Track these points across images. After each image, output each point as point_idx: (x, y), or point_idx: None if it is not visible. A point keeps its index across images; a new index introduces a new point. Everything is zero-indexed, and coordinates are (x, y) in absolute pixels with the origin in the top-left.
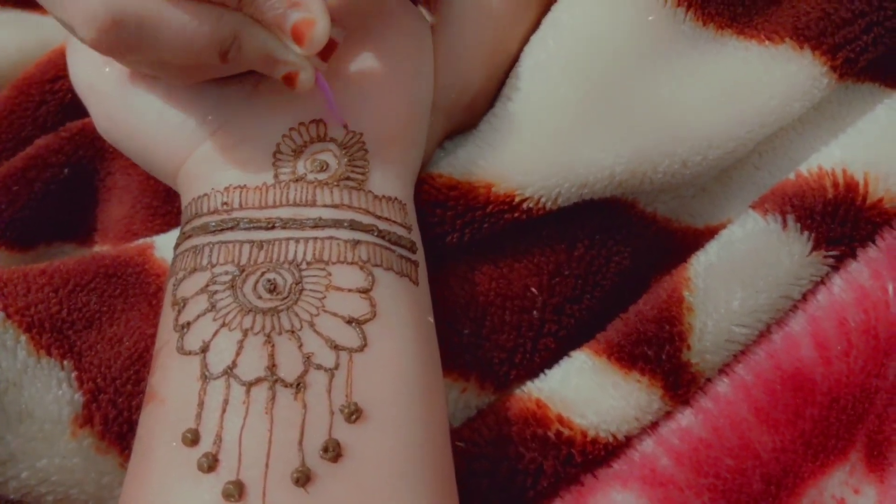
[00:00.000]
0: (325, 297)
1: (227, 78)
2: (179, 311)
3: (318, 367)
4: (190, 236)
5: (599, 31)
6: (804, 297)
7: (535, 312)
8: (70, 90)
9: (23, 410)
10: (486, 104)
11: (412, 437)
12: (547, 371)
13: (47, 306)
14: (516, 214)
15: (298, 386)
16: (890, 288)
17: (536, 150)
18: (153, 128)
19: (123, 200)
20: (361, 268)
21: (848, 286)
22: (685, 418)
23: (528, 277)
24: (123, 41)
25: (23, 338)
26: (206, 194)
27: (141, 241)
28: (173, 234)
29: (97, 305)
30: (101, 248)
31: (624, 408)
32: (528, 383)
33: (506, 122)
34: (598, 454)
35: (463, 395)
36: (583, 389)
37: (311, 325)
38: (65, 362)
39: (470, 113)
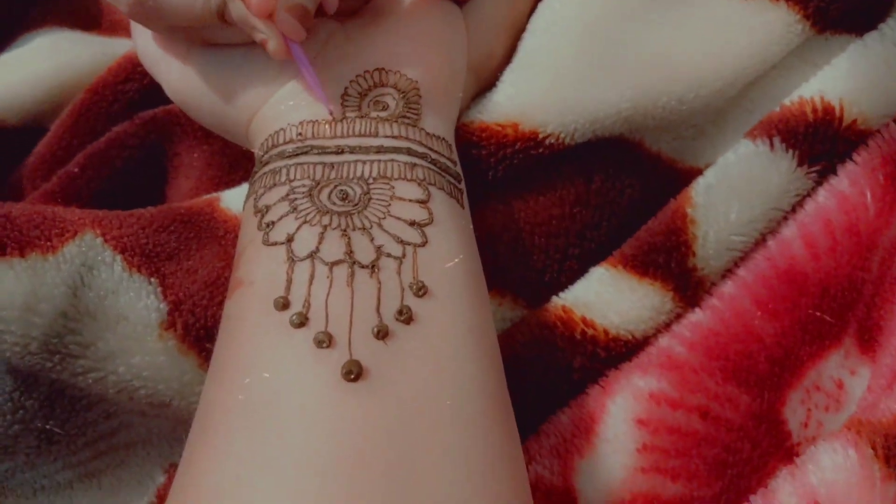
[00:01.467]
0: (389, 205)
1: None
2: (263, 215)
3: (388, 255)
4: (267, 163)
5: None
6: (793, 209)
7: (560, 237)
8: (137, 90)
9: (119, 314)
10: (506, 65)
11: (469, 314)
12: (570, 287)
13: (137, 238)
14: (541, 150)
15: (373, 267)
16: (868, 194)
17: (551, 93)
18: (229, 80)
19: (190, 175)
20: (419, 184)
21: (831, 194)
22: (695, 315)
23: (552, 208)
24: (146, 13)
25: (118, 257)
26: (281, 129)
27: (208, 196)
28: (237, 190)
29: (176, 244)
30: None
31: (640, 308)
32: (554, 297)
33: (523, 72)
34: (620, 350)
35: (499, 308)
36: (603, 294)
37: (380, 225)
38: (152, 279)
39: (494, 73)
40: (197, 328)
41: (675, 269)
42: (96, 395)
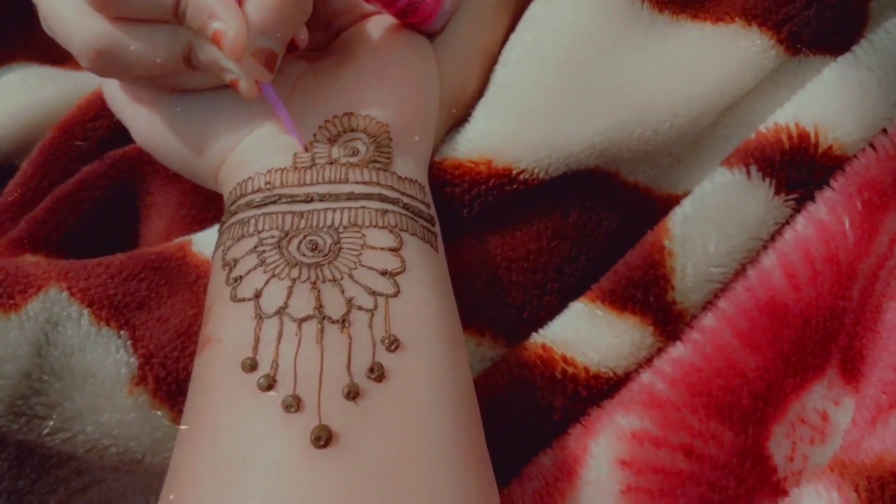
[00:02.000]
0: (360, 254)
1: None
2: (230, 269)
3: (360, 307)
4: (235, 213)
5: (568, 24)
6: (772, 238)
7: (537, 273)
8: (107, 128)
9: (87, 371)
10: (479, 98)
11: (443, 366)
12: (550, 322)
13: (105, 289)
14: (515, 186)
15: (344, 322)
16: (846, 221)
17: (525, 128)
18: (197, 128)
19: (163, 214)
20: (391, 231)
21: (809, 223)
22: (676, 349)
23: (529, 243)
24: (108, 65)
25: (85, 311)
26: (250, 177)
27: (179, 238)
28: (208, 232)
29: (146, 292)
30: None
31: (620, 344)
32: (534, 334)
33: (496, 107)
34: (601, 388)
35: (479, 348)
36: (582, 331)
37: (351, 276)
38: (121, 332)
39: (468, 107)
40: (169, 382)
41: (653, 303)
42: (66, 453)
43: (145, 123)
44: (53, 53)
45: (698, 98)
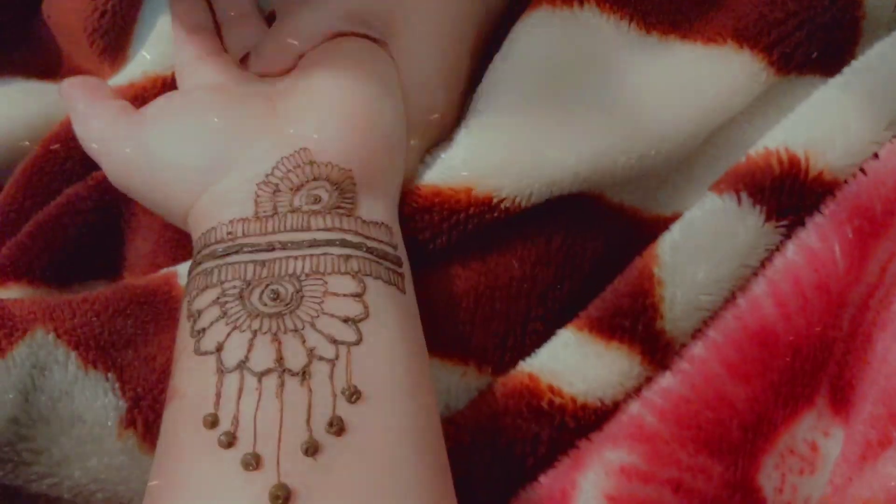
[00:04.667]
0: (322, 302)
1: (230, 122)
2: (195, 321)
3: (321, 358)
4: (200, 262)
5: (551, 49)
6: (762, 265)
7: (520, 300)
8: None
9: (75, 416)
10: (454, 117)
11: (406, 414)
12: (536, 351)
13: (91, 328)
14: (496, 214)
15: (304, 374)
16: (836, 248)
17: (507, 155)
18: (168, 171)
19: (147, 238)
20: (353, 277)
21: (799, 250)
22: (665, 380)
23: (512, 269)
24: None
25: (72, 354)
26: (213, 227)
27: (165, 270)
28: None
29: (132, 329)
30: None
31: (608, 374)
32: (521, 362)
33: (477, 133)
34: (589, 419)
35: (463, 378)
36: (569, 361)
37: (312, 324)
38: (109, 374)
39: (441, 127)
40: (158, 424)
41: (642, 332)
42: (53, 498)
43: (115, 165)
44: (42, 65)
45: (686, 123)
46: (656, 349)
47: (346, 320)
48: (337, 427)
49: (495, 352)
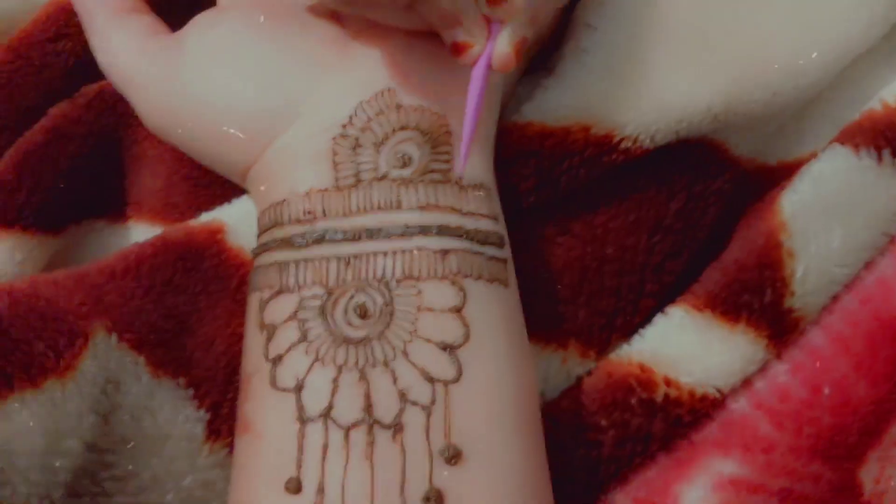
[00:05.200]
0: (416, 320)
1: (293, 53)
2: (269, 339)
3: (414, 403)
4: (272, 249)
5: None
6: (892, 238)
7: (634, 274)
8: (74, 52)
9: (162, 433)
10: (552, 36)
11: (513, 473)
12: (643, 331)
13: (148, 316)
14: (614, 156)
15: (396, 427)
16: None
17: (632, 87)
18: (220, 119)
19: (157, 171)
20: (452, 282)
21: None
22: (782, 375)
23: (625, 237)
24: None
25: (140, 360)
26: (285, 200)
27: (207, 219)
28: (240, 212)
29: (186, 306)
30: (138, 223)
31: (730, 361)
32: (626, 346)
33: (594, 59)
34: (706, 410)
35: (564, 365)
36: (688, 347)
37: (405, 353)
38: (179, 380)
39: (539, 48)
40: None
41: (769, 312)
42: None
43: (150, 107)
44: None
45: (823, 54)
46: (784, 330)
47: (443, 348)
48: (434, 501)
49: (602, 333)
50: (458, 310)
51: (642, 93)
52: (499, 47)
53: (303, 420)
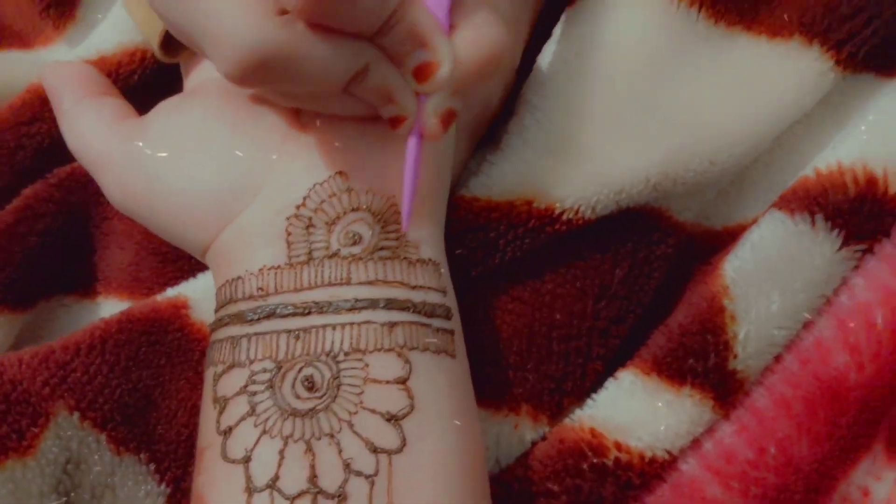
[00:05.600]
0: (362, 392)
1: (251, 138)
2: (221, 412)
3: (358, 473)
4: (227, 324)
5: (618, 38)
6: (827, 300)
7: (582, 339)
8: (48, 135)
9: None
10: (500, 111)
11: None
12: (595, 395)
13: (111, 392)
14: (556, 227)
15: (339, 497)
16: None
17: (572, 162)
18: (181, 199)
19: (125, 247)
20: (398, 354)
21: (870, 285)
22: (729, 437)
23: (572, 304)
24: (264, 77)
25: (102, 437)
26: (239, 277)
27: (172, 294)
28: (205, 287)
29: (149, 380)
30: (107, 299)
31: (677, 423)
32: (578, 411)
33: (535, 136)
34: (656, 472)
35: (516, 431)
36: (636, 411)
37: (350, 424)
38: (141, 455)
39: (489, 124)
40: None
41: (714, 375)
42: None
43: (120, 186)
44: None
45: (757, 124)
46: (728, 392)
47: (388, 419)
48: None
49: (552, 397)
50: (403, 381)
51: (581, 167)
52: (426, 118)
53: (250, 491)
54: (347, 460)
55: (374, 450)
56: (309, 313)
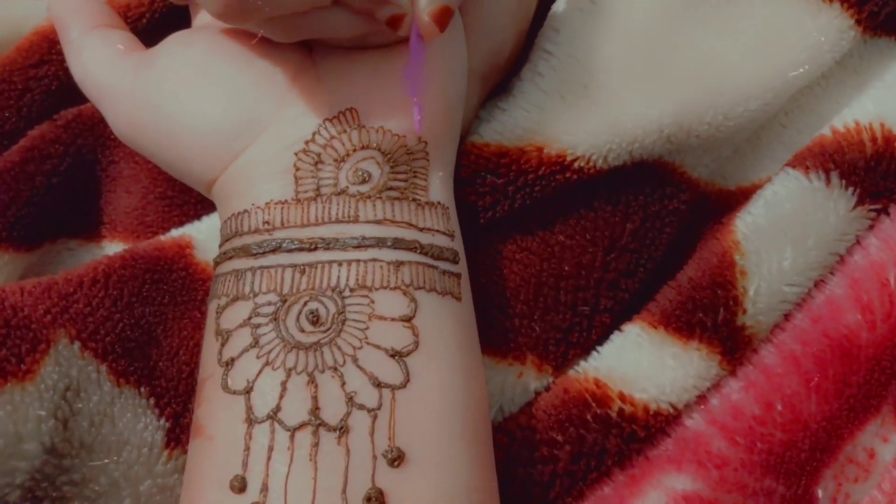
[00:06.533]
0: (367, 328)
1: (261, 74)
2: (223, 344)
3: (361, 406)
4: (231, 257)
5: None
6: (841, 259)
7: (589, 291)
8: (56, 77)
9: (120, 439)
10: (515, 61)
11: (457, 478)
12: (600, 348)
13: (113, 325)
14: (567, 175)
15: (341, 430)
16: None
17: (585, 109)
18: (188, 133)
19: (132, 191)
20: (404, 293)
21: (884, 245)
22: (736, 393)
23: (581, 255)
24: (250, 6)
25: (102, 368)
26: (246, 210)
27: (177, 234)
28: (210, 228)
29: (152, 317)
30: (112, 243)
31: (684, 378)
32: (583, 363)
33: (549, 82)
34: (660, 426)
35: (520, 380)
36: (642, 363)
37: (354, 359)
38: (141, 388)
39: (503, 73)
40: None
41: (723, 329)
42: None
43: (120, 118)
44: None
45: (773, 78)
46: (736, 347)
47: (392, 354)
48: (376, 501)
49: (557, 348)
50: (408, 319)
51: (594, 115)
52: (419, 14)
53: (251, 421)
54: (351, 393)
55: (378, 384)
56: (315, 249)
